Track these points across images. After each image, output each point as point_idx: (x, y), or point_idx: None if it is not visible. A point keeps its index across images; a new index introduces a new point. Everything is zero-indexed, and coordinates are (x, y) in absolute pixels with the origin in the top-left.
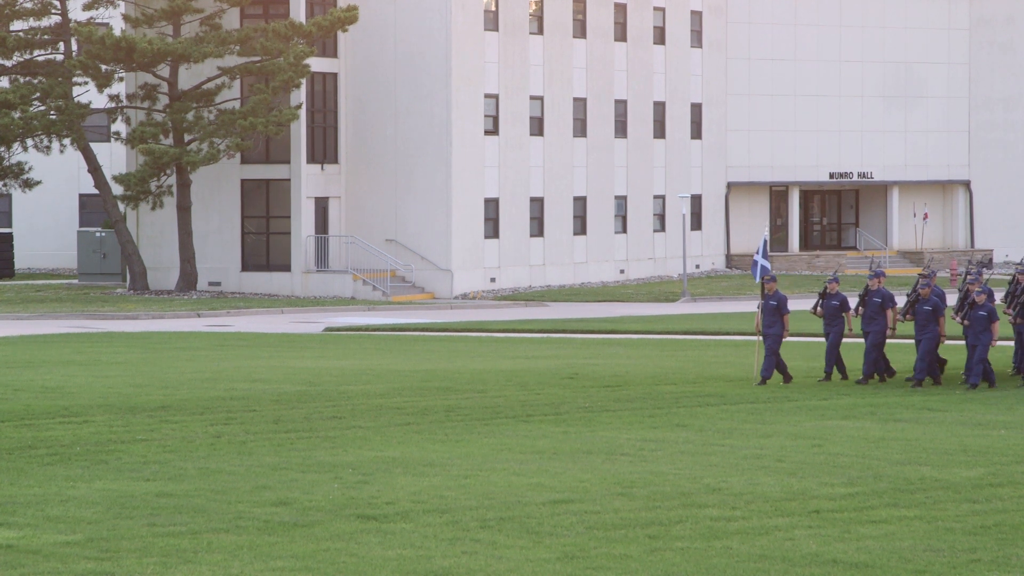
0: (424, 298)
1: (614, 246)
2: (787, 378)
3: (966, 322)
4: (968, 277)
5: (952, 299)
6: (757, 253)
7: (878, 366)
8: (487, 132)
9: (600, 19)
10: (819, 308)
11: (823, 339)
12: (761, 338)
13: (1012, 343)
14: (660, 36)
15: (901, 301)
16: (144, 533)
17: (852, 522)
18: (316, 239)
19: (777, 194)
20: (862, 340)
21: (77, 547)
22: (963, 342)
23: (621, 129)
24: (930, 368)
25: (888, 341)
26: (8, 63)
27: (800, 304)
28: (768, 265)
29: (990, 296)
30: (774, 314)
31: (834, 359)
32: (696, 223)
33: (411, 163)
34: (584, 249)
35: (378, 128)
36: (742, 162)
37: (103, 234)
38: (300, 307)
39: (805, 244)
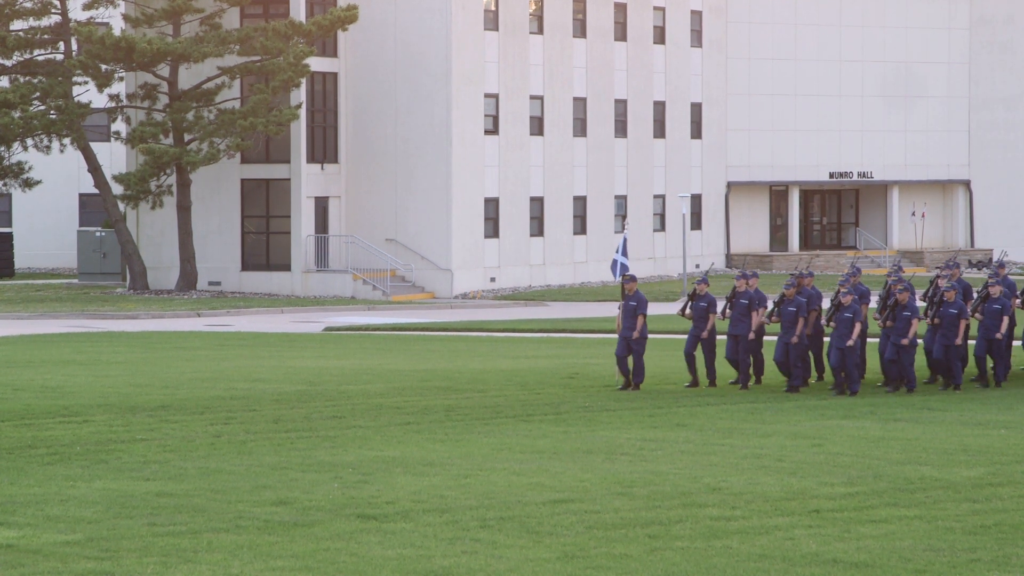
0: (424, 298)
1: (614, 246)
2: (636, 383)
3: (833, 324)
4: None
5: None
6: (617, 252)
7: (750, 367)
8: (487, 132)
9: (600, 19)
10: (687, 310)
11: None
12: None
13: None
14: (660, 36)
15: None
16: (144, 533)
17: (852, 522)
18: (316, 239)
19: (777, 194)
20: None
21: (77, 547)
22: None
23: (621, 129)
24: (802, 370)
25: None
26: (8, 63)
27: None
28: (627, 263)
29: (860, 298)
30: (634, 315)
31: (693, 361)
32: (696, 223)
33: (411, 163)
34: (584, 249)
35: (378, 128)
36: (742, 162)
37: (103, 234)
38: (300, 307)
39: (805, 244)
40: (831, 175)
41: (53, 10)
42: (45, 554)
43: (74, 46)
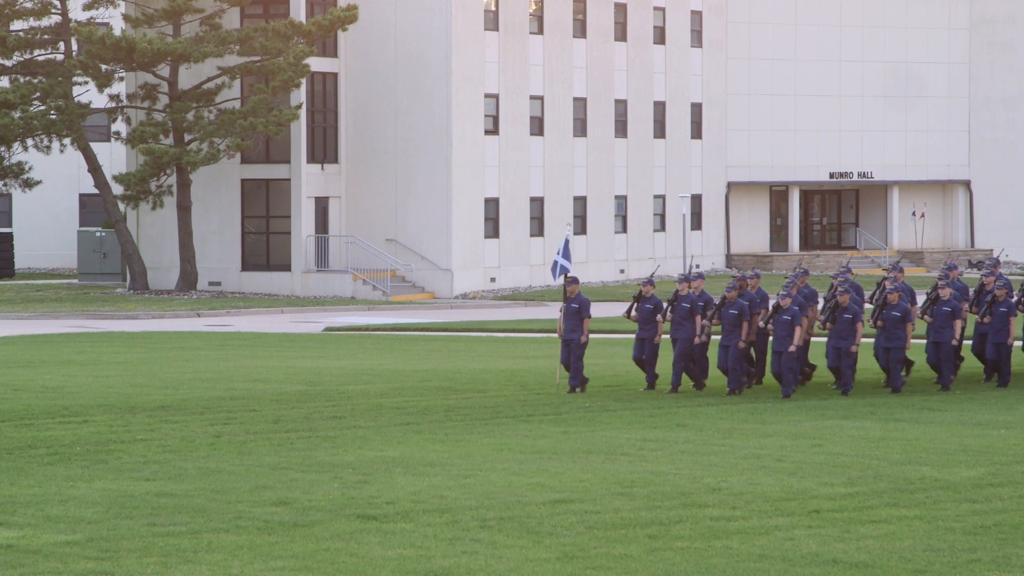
0: (424, 298)
1: (614, 246)
2: (577, 385)
3: (771, 327)
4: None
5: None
6: (558, 253)
7: (693, 373)
8: (487, 132)
9: (600, 19)
10: (633, 312)
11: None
12: (562, 343)
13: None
14: (660, 36)
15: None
16: (144, 533)
17: (852, 522)
18: (316, 239)
19: (777, 194)
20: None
21: (77, 547)
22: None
23: (621, 129)
24: (734, 374)
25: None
26: (8, 63)
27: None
28: (568, 265)
29: (807, 300)
30: (575, 318)
31: (653, 364)
32: (696, 223)
33: (411, 163)
34: (584, 249)
35: (378, 128)
36: (742, 162)
37: (103, 234)
38: (300, 307)
39: (805, 244)
40: (831, 175)
41: (53, 10)
42: (45, 554)
43: (74, 46)
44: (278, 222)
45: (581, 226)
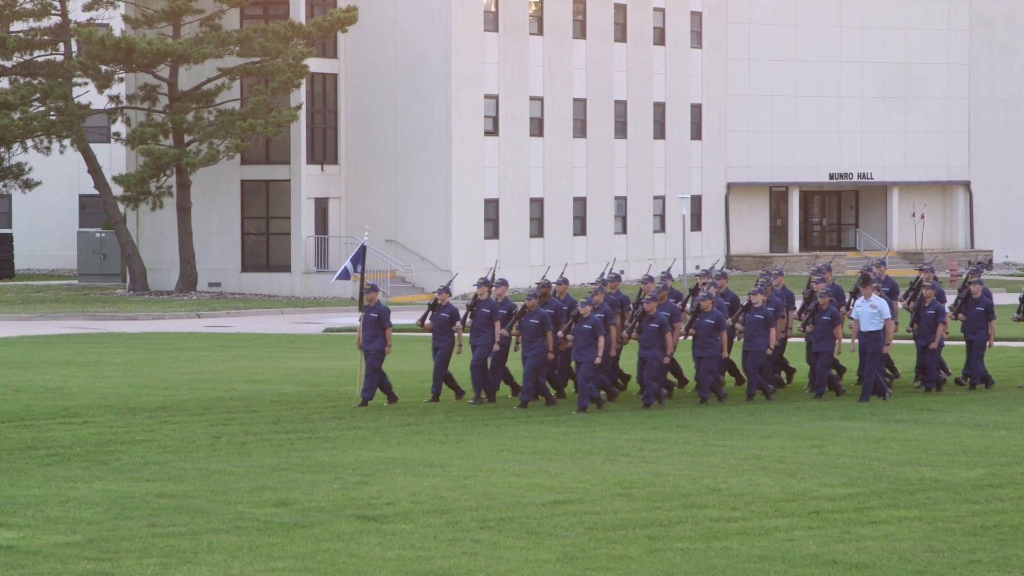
0: (424, 299)
1: (614, 247)
2: (392, 398)
3: (570, 336)
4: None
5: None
6: (349, 259)
7: (489, 383)
8: (487, 133)
9: (600, 20)
10: (427, 321)
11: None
12: (362, 354)
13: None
14: (660, 37)
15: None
16: (144, 533)
17: (852, 523)
18: (316, 240)
19: (777, 194)
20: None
21: (77, 547)
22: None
23: (621, 130)
24: (537, 386)
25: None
26: (8, 64)
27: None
28: (351, 269)
29: (718, 304)
30: (375, 327)
31: (443, 376)
32: (696, 224)
33: (411, 164)
34: (584, 249)
35: (378, 129)
36: (742, 163)
37: (103, 235)
38: (300, 308)
39: (805, 245)
40: (831, 176)
41: (53, 11)
42: (45, 555)
43: (74, 47)
44: (278, 223)
45: (581, 227)
